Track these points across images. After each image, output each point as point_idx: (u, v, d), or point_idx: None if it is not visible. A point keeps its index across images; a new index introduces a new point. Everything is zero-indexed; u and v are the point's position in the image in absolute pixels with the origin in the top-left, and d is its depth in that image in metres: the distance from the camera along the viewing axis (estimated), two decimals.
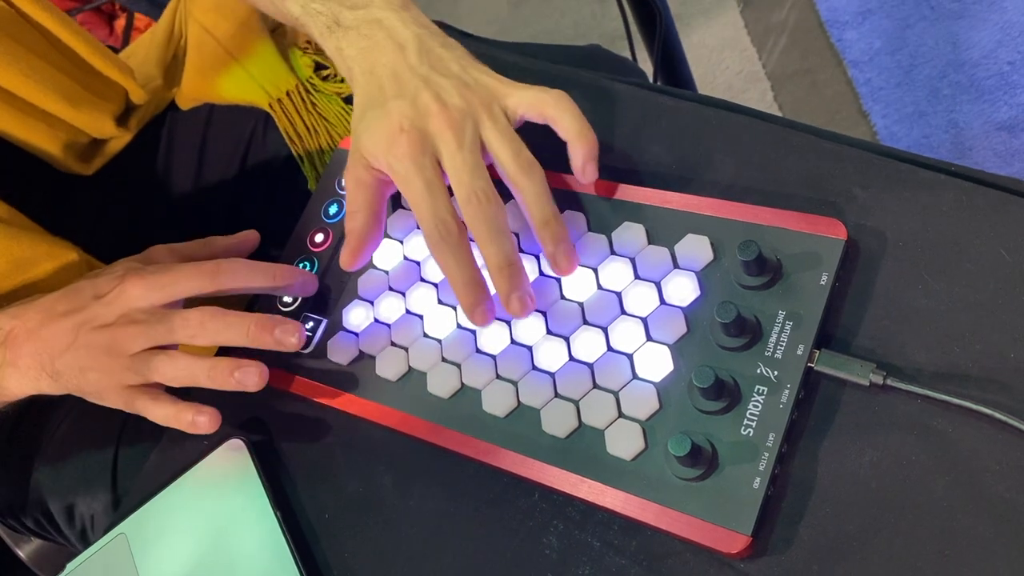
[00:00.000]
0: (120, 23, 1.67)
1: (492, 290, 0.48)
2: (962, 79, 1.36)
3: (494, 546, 0.45)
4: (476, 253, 0.48)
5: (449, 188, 0.48)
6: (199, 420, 0.51)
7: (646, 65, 1.17)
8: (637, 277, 0.47)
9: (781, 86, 1.51)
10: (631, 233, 0.48)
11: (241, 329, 0.50)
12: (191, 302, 0.52)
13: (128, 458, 0.65)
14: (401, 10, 0.52)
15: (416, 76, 0.49)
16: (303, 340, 0.51)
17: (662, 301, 0.46)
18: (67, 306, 0.52)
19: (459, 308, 0.49)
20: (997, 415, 0.38)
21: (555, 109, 0.49)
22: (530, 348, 0.47)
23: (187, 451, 0.54)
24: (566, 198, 0.50)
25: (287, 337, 0.50)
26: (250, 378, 0.50)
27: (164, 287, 0.51)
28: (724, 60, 1.59)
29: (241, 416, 0.54)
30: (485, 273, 0.48)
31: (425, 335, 0.50)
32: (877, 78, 1.41)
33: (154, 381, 0.51)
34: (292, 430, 0.53)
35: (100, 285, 0.52)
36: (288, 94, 0.71)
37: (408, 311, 0.52)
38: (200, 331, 0.50)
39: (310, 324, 0.54)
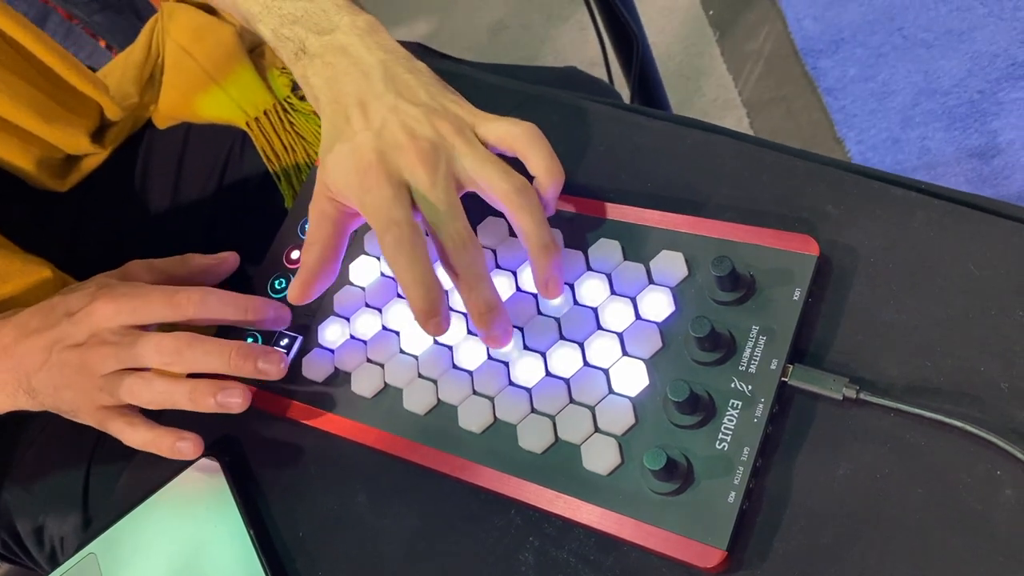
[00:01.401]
0: (102, 42, 1.67)
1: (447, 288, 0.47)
2: (934, 107, 1.38)
3: (470, 563, 0.45)
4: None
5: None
6: (181, 446, 0.50)
7: (624, 92, 1.19)
8: (613, 293, 0.47)
9: (757, 113, 1.53)
10: (607, 249, 0.48)
11: (221, 357, 0.49)
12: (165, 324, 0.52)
13: (100, 478, 0.64)
14: (366, 35, 0.51)
15: (383, 105, 0.48)
16: (285, 370, 0.50)
17: (638, 316, 0.46)
18: (40, 323, 0.52)
19: None
20: (969, 428, 0.38)
21: (526, 145, 0.48)
22: (506, 364, 0.47)
23: (160, 470, 0.53)
24: None
25: (269, 367, 0.50)
26: (233, 400, 0.49)
27: (133, 311, 0.50)
28: (700, 88, 1.61)
29: (214, 434, 0.54)
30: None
31: (401, 351, 0.50)
32: (851, 105, 1.43)
33: (126, 403, 0.50)
34: (266, 448, 0.53)
35: (71, 303, 0.52)
36: (265, 113, 0.71)
37: (384, 327, 0.52)
38: (176, 359, 0.49)
39: (285, 341, 0.54)
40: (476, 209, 0.50)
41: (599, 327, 0.46)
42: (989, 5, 1.44)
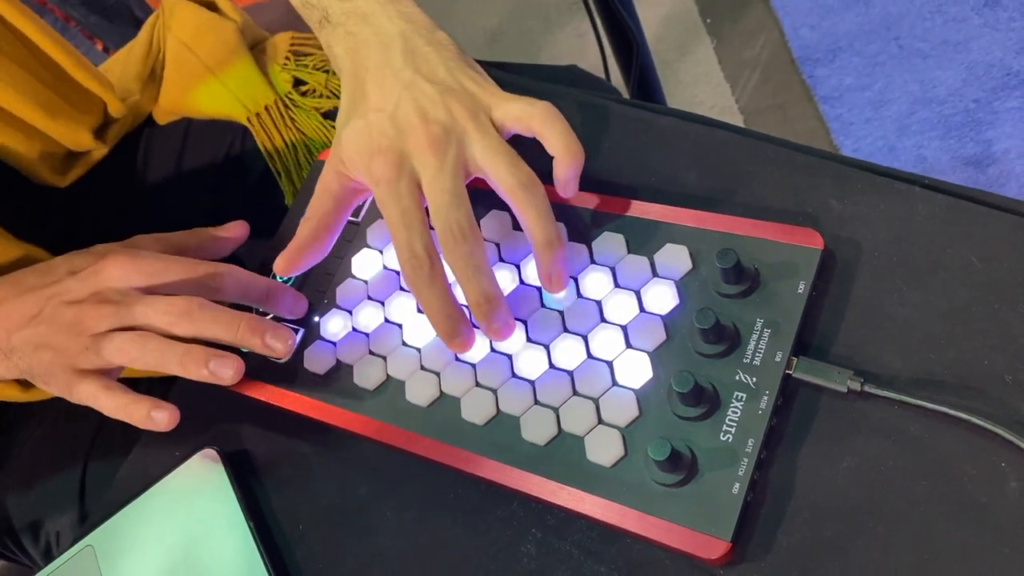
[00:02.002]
0: (99, 44, 1.67)
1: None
2: (930, 116, 1.39)
3: (472, 555, 0.44)
4: None
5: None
6: (157, 415, 0.48)
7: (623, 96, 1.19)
8: (617, 286, 0.47)
9: (754, 121, 1.53)
10: (611, 243, 0.48)
11: (231, 326, 0.48)
12: None
13: (97, 473, 0.63)
14: (388, 3, 0.51)
15: (399, 82, 0.48)
16: (293, 349, 0.49)
17: (642, 309, 0.46)
18: (36, 281, 0.51)
19: None
20: (973, 420, 0.38)
21: (543, 124, 0.47)
22: (510, 356, 0.47)
23: (159, 462, 0.53)
24: None
25: (277, 344, 0.49)
26: (225, 370, 0.48)
27: (149, 274, 0.49)
28: (697, 95, 1.61)
29: (215, 426, 0.54)
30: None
31: (404, 344, 0.50)
32: (847, 113, 1.44)
33: (115, 364, 0.49)
34: (267, 440, 0.53)
35: (76, 262, 0.51)
36: (267, 109, 0.71)
37: (387, 320, 0.51)
38: (185, 320, 0.48)
39: None
40: (482, 202, 0.50)
41: (603, 320, 0.46)
42: (985, 16, 1.45)
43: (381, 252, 0.54)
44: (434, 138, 0.46)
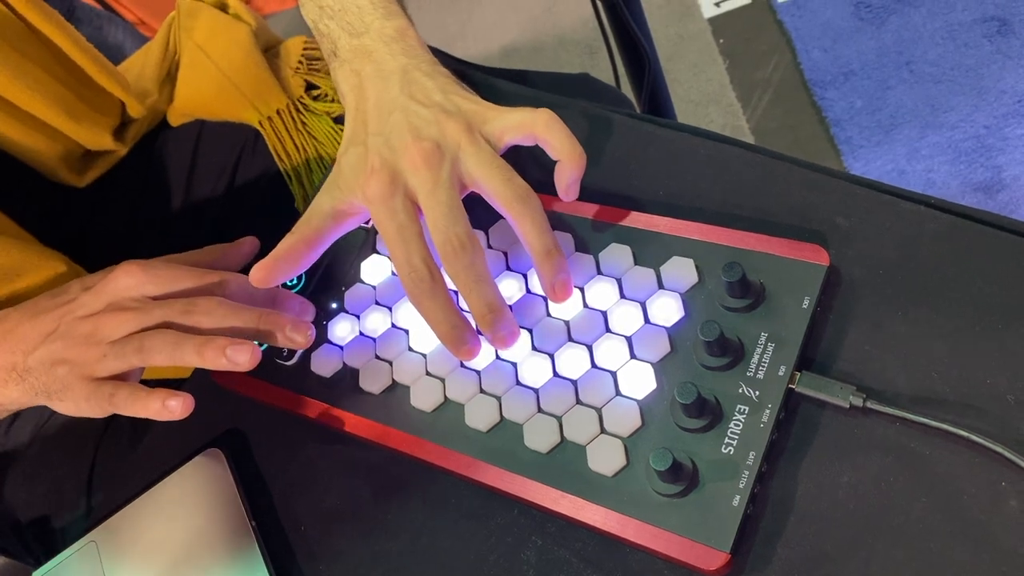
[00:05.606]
0: None
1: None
2: (940, 140, 1.39)
3: (472, 561, 0.45)
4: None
5: None
6: (171, 403, 0.48)
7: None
8: (622, 297, 0.47)
9: (764, 141, 1.54)
10: (618, 254, 0.49)
11: (251, 320, 0.49)
12: None
13: (103, 471, 0.64)
14: (392, 42, 0.52)
15: (396, 108, 0.49)
16: (311, 340, 0.50)
17: (647, 321, 0.46)
18: (50, 303, 0.51)
19: None
20: (974, 438, 0.38)
21: (543, 129, 0.48)
22: (514, 364, 0.48)
23: (164, 461, 0.54)
24: (554, 219, 0.51)
25: (297, 335, 0.50)
26: (242, 356, 0.47)
27: (160, 282, 0.50)
28: (709, 114, 1.62)
29: (220, 427, 0.54)
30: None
31: (410, 349, 0.51)
32: (858, 136, 1.44)
33: (135, 365, 0.49)
34: (271, 442, 0.53)
35: (88, 280, 0.52)
36: (278, 112, 0.72)
37: (394, 325, 0.52)
38: (206, 317, 0.49)
39: None
40: (487, 212, 0.50)
41: (608, 330, 0.47)
42: (997, 43, 1.45)
43: (389, 258, 0.55)
44: (426, 154, 0.47)
